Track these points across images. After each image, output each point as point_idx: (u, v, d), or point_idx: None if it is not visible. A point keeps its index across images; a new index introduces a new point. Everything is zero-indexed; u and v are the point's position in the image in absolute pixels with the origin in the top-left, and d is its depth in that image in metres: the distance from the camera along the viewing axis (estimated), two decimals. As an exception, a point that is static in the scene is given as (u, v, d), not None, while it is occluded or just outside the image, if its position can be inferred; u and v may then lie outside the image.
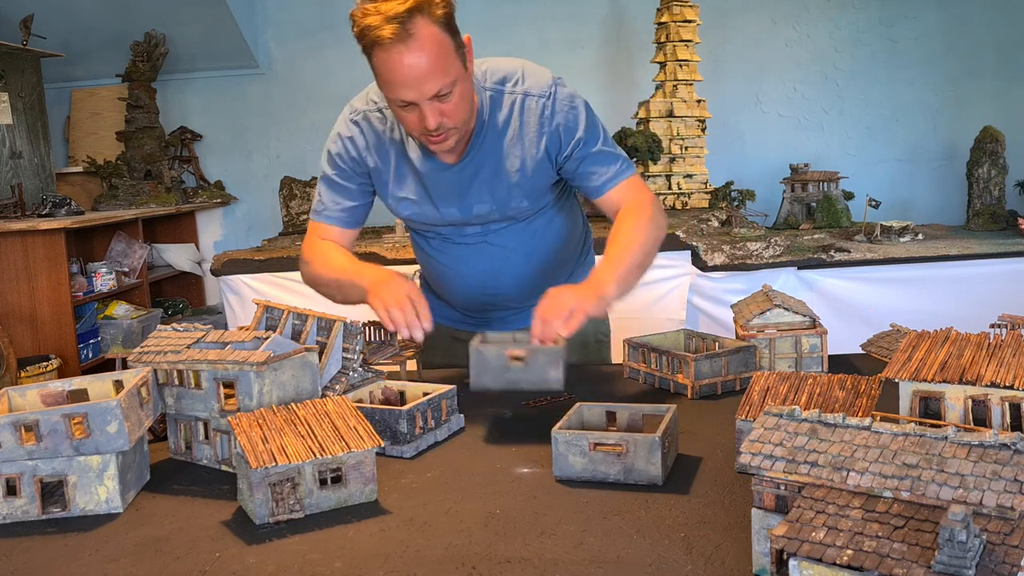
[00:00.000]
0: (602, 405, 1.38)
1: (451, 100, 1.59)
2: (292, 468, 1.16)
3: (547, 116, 1.74)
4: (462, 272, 1.94)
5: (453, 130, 1.64)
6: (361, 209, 1.89)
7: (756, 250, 3.35)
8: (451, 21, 1.59)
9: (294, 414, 1.24)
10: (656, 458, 1.20)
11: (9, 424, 1.19)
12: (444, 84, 1.56)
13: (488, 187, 1.78)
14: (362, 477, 1.21)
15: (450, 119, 1.61)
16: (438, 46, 1.55)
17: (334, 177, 1.84)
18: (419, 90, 1.56)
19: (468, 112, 1.66)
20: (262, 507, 1.15)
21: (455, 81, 1.58)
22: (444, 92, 1.57)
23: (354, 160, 1.82)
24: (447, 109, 1.60)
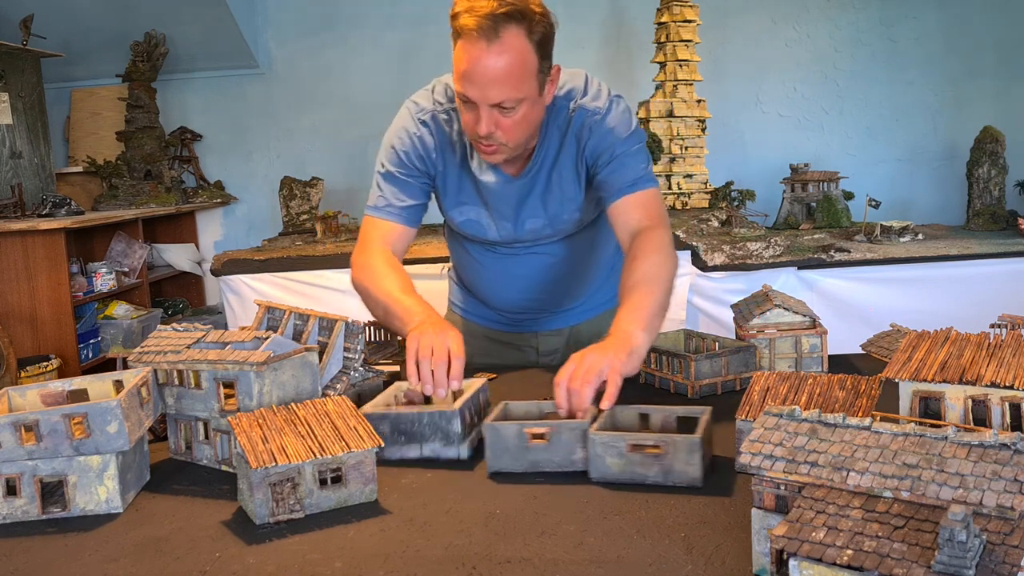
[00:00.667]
0: (635, 407, 1.35)
1: (512, 116, 1.57)
2: (292, 468, 1.16)
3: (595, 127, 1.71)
4: (503, 279, 1.94)
5: (505, 146, 1.62)
6: (420, 209, 1.82)
7: (756, 250, 3.35)
8: (545, 42, 1.57)
9: (294, 414, 1.24)
10: (696, 459, 1.19)
11: (9, 424, 1.19)
12: (510, 98, 1.54)
13: (542, 201, 1.78)
14: (362, 477, 1.20)
15: (505, 134, 1.59)
16: (520, 59, 1.53)
17: (397, 173, 1.77)
18: (484, 92, 1.54)
19: (526, 134, 1.64)
20: (262, 507, 1.15)
21: (523, 100, 1.56)
22: (508, 106, 1.55)
23: (420, 159, 1.77)
24: (505, 124, 1.58)
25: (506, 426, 1.28)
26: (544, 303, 1.96)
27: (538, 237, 1.85)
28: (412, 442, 1.35)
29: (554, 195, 1.78)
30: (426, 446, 1.35)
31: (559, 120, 1.73)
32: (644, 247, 1.64)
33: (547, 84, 1.62)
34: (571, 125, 1.72)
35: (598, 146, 1.72)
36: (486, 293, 2.00)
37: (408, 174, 1.77)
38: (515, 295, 1.95)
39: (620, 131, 1.72)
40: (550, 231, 1.84)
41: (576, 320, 2.01)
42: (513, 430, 1.28)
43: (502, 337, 2.03)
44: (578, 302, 1.99)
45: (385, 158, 1.79)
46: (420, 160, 1.77)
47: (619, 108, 1.74)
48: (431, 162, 1.77)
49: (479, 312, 2.04)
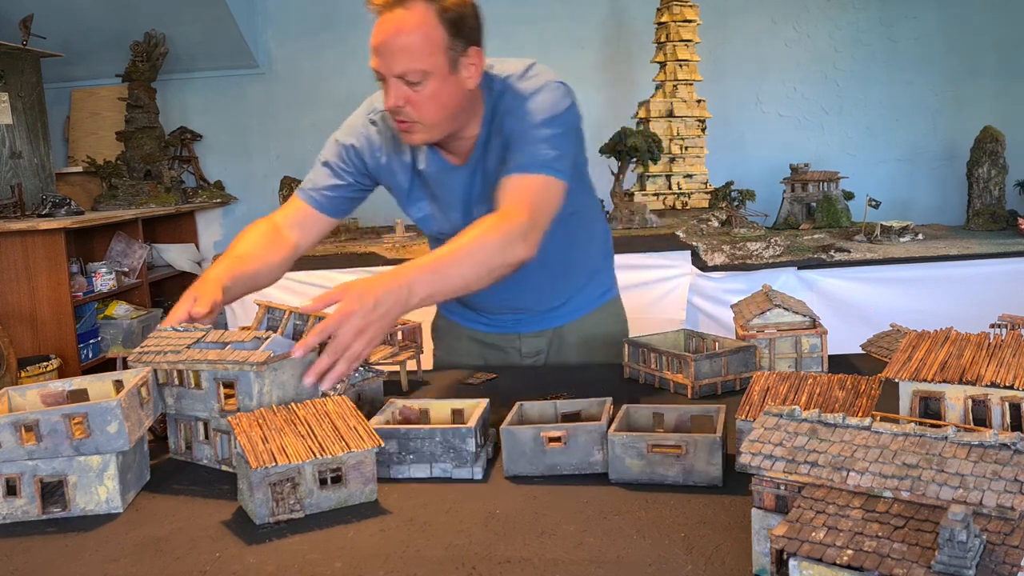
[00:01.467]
0: (649, 407, 1.34)
1: (421, 91, 1.57)
2: (292, 468, 1.16)
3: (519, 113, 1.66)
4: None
5: (418, 124, 1.62)
6: (346, 202, 1.85)
7: (756, 250, 3.35)
8: (459, 22, 1.57)
9: (294, 414, 1.24)
10: (717, 459, 1.18)
11: (9, 424, 1.19)
12: (412, 69, 1.55)
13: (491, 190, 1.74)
14: (362, 477, 1.20)
15: (414, 110, 1.59)
16: (424, 31, 1.54)
17: (332, 162, 1.81)
18: (386, 62, 1.55)
19: (440, 114, 1.62)
20: (262, 507, 1.15)
21: (428, 73, 1.56)
22: (412, 79, 1.56)
23: (360, 158, 1.80)
24: (414, 99, 1.58)
25: (522, 430, 1.27)
26: (522, 304, 1.95)
27: None
28: (421, 462, 1.30)
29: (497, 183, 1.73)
30: (436, 466, 1.29)
31: (500, 106, 1.70)
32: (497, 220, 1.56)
33: (464, 65, 1.61)
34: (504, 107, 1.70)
35: (512, 126, 1.67)
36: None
37: (342, 167, 1.80)
38: (490, 297, 1.92)
39: (537, 114, 1.65)
40: None
41: (559, 322, 1.99)
42: (530, 434, 1.26)
43: (485, 338, 2.03)
44: (559, 303, 1.98)
45: (328, 147, 1.83)
46: (359, 158, 1.79)
47: (550, 93, 1.67)
48: (375, 160, 1.79)
49: (461, 313, 2.03)
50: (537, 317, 1.98)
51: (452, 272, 1.49)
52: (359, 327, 1.35)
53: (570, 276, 1.94)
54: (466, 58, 1.61)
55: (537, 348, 2.01)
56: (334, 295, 1.40)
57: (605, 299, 2.04)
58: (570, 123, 1.69)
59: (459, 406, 1.41)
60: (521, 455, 1.27)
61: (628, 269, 3.36)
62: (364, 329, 1.36)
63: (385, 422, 1.37)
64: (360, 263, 3.49)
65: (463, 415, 1.40)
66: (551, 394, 1.64)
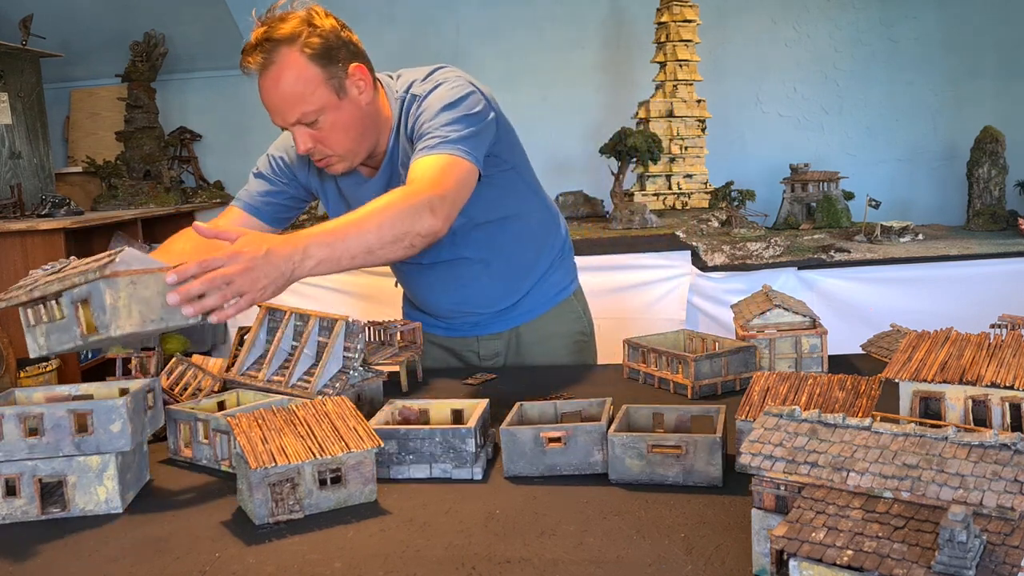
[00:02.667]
0: (649, 407, 1.34)
1: (322, 127, 1.64)
2: (292, 468, 1.16)
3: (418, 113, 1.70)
4: (424, 285, 1.96)
5: (335, 157, 1.68)
6: (280, 208, 1.91)
7: (756, 250, 3.35)
8: (327, 52, 1.61)
9: (294, 415, 1.24)
10: (717, 459, 1.18)
11: (14, 416, 1.19)
12: (304, 113, 1.62)
13: None
14: (362, 477, 1.20)
15: (326, 146, 1.66)
16: (300, 76, 1.60)
17: (264, 172, 1.89)
18: (281, 116, 1.65)
19: (349, 140, 1.67)
20: (262, 507, 1.15)
21: (321, 110, 1.62)
22: (307, 121, 1.63)
23: (289, 169, 1.87)
24: (319, 136, 1.65)
25: (522, 430, 1.27)
26: (472, 307, 1.96)
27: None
28: (421, 462, 1.30)
29: None
30: (436, 466, 1.29)
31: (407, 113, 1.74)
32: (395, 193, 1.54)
33: (351, 86, 1.65)
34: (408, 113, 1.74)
35: (415, 123, 1.71)
36: (417, 299, 2.04)
37: (272, 176, 1.88)
38: (442, 300, 1.97)
39: (435, 102, 1.67)
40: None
41: (516, 322, 2.00)
42: (530, 434, 1.26)
43: (443, 342, 2.04)
44: (509, 304, 1.98)
45: (260, 161, 1.92)
46: (288, 169, 1.87)
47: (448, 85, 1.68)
48: (303, 172, 1.87)
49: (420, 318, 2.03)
50: (491, 319, 1.98)
51: (353, 238, 1.42)
52: (245, 266, 1.31)
53: (516, 278, 1.96)
54: (350, 79, 1.65)
55: (495, 350, 2.01)
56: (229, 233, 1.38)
57: (561, 298, 2.05)
58: (471, 107, 1.66)
59: (459, 406, 1.41)
60: (521, 455, 1.27)
61: (628, 269, 3.37)
62: (249, 270, 1.31)
63: (385, 422, 1.37)
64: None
65: (463, 415, 1.40)
66: (551, 394, 1.64)
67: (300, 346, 1.53)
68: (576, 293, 2.10)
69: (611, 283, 3.32)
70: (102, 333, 1.22)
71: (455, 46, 4.70)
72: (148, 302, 1.25)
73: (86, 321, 1.24)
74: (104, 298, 1.20)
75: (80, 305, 1.23)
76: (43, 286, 1.26)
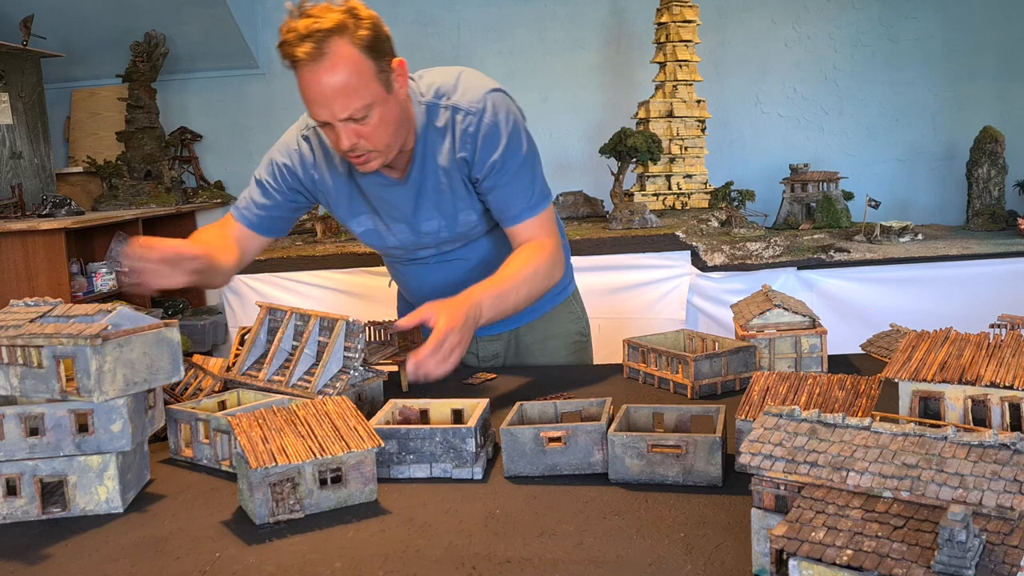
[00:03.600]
0: (649, 407, 1.34)
1: (368, 123, 1.59)
2: (292, 468, 1.16)
3: (470, 133, 1.70)
4: (425, 286, 1.94)
5: (374, 153, 1.64)
6: (278, 222, 1.88)
7: (756, 250, 3.35)
8: (376, 44, 1.58)
9: (294, 414, 1.24)
10: (717, 459, 1.18)
11: (15, 415, 1.19)
12: (357, 108, 1.56)
13: (434, 202, 1.77)
14: (362, 477, 1.20)
15: (368, 141, 1.61)
16: (354, 68, 1.54)
17: (267, 182, 1.83)
18: (330, 110, 1.57)
19: (390, 136, 1.64)
20: (262, 507, 1.15)
21: (371, 105, 1.58)
22: (358, 116, 1.58)
23: (294, 176, 1.81)
24: (364, 132, 1.60)
25: (522, 430, 1.27)
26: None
27: (441, 242, 1.84)
28: (421, 462, 1.30)
29: (445, 196, 1.77)
30: (436, 466, 1.29)
31: (436, 120, 1.72)
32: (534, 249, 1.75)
33: (394, 80, 1.63)
34: (447, 125, 1.72)
35: (481, 160, 1.71)
36: (416, 301, 2.00)
37: (273, 186, 1.83)
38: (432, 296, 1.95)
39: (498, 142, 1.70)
40: (449, 234, 1.82)
41: (515, 324, 1.99)
42: (530, 434, 1.26)
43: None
44: None
45: (263, 166, 1.86)
46: (292, 176, 1.81)
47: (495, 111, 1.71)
48: (308, 177, 1.81)
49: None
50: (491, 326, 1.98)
51: (510, 296, 1.66)
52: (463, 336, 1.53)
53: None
54: (393, 73, 1.63)
55: (494, 351, 2.01)
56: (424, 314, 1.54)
57: (560, 299, 2.04)
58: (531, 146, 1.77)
59: (459, 406, 1.41)
60: (521, 455, 1.27)
61: (628, 269, 3.37)
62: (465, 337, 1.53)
63: (385, 422, 1.37)
64: (360, 263, 3.49)
65: (463, 415, 1.40)
66: (551, 394, 1.64)
67: (300, 346, 1.53)
68: (574, 294, 2.11)
69: (611, 283, 3.32)
70: (83, 397, 1.20)
71: (455, 46, 4.71)
72: (133, 364, 1.23)
73: (67, 377, 1.22)
74: (90, 363, 1.19)
75: (62, 360, 1.21)
76: (27, 337, 1.22)
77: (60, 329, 1.21)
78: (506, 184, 1.73)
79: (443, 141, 1.73)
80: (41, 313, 1.28)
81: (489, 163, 1.71)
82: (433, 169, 1.74)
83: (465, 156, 1.72)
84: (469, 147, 1.71)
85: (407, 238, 1.84)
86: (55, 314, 1.28)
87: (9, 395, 1.27)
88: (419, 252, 1.88)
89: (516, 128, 1.73)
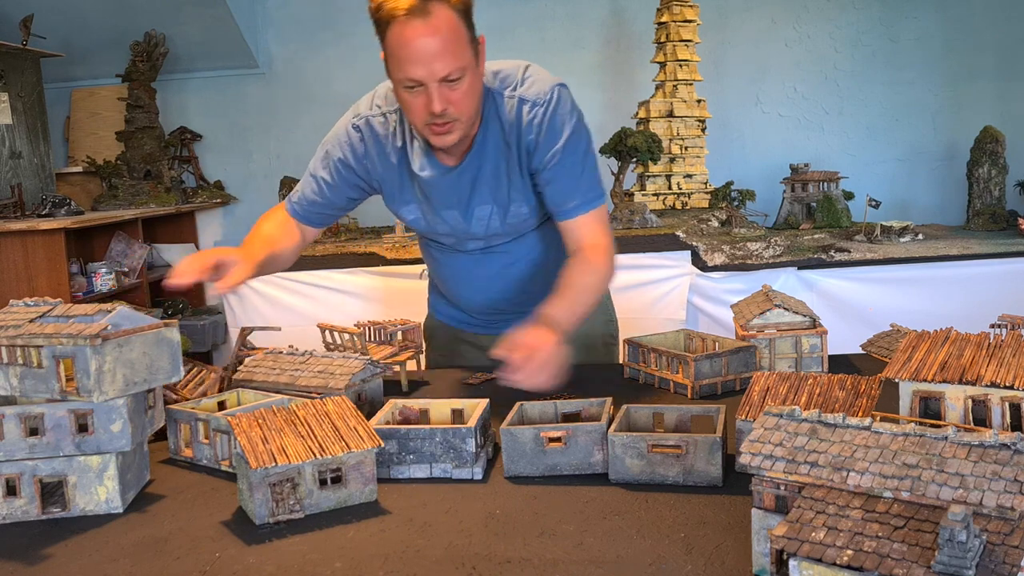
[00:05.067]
0: (649, 407, 1.34)
1: (460, 88, 1.57)
2: (292, 468, 1.16)
3: (535, 124, 1.71)
4: (467, 279, 1.94)
5: (457, 122, 1.62)
6: (331, 218, 1.89)
7: (756, 250, 3.35)
8: (468, 12, 1.59)
9: (294, 414, 1.24)
10: (717, 459, 1.18)
11: (15, 416, 1.19)
12: (455, 68, 1.54)
13: (489, 188, 1.77)
14: (362, 477, 1.20)
15: (455, 108, 1.59)
16: (453, 30, 1.54)
17: (322, 177, 1.82)
18: (430, 68, 1.53)
19: (475, 107, 1.64)
20: (262, 507, 1.15)
21: (465, 69, 1.57)
22: (454, 77, 1.55)
23: (349, 168, 1.79)
24: (454, 97, 1.58)
25: (522, 430, 1.27)
26: (511, 305, 1.93)
27: (491, 234, 1.83)
28: (421, 462, 1.30)
29: (501, 184, 1.76)
30: (436, 466, 1.29)
31: (499, 109, 1.72)
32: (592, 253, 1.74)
33: (479, 52, 1.64)
34: (512, 115, 1.72)
35: (542, 150, 1.71)
36: (452, 293, 2.01)
37: (332, 180, 1.81)
38: (480, 296, 1.95)
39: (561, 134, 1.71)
40: (500, 224, 1.81)
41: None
42: (530, 434, 1.26)
43: (471, 338, 2.03)
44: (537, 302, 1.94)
45: (317, 160, 1.84)
46: (346, 168, 1.79)
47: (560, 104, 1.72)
48: (363, 167, 1.80)
49: (448, 313, 2.03)
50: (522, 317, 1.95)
51: (581, 309, 1.66)
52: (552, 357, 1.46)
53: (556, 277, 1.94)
54: (479, 46, 1.64)
55: None
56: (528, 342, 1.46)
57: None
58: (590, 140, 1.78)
59: (459, 406, 1.41)
60: (521, 455, 1.27)
61: (628, 269, 3.37)
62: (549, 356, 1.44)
63: (385, 422, 1.37)
64: (360, 263, 3.49)
65: (463, 415, 1.40)
66: (551, 394, 1.64)
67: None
68: (608, 295, 2.09)
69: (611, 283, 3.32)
70: (83, 397, 1.20)
71: (455, 46, 4.70)
72: (133, 365, 1.23)
73: (67, 377, 1.22)
74: (90, 363, 1.19)
75: (61, 360, 1.21)
76: (27, 337, 1.22)
77: (60, 329, 1.21)
78: (564, 176, 1.73)
79: (506, 130, 1.72)
80: (41, 313, 1.28)
81: (551, 154, 1.71)
82: (493, 156, 1.74)
83: (528, 146, 1.72)
84: (532, 137, 1.71)
85: (459, 225, 1.82)
86: (55, 314, 1.28)
87: (9, 395, 1.27)
88: (467, 243, 1.87)
89: (579, 123, 1.75)
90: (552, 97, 1.72)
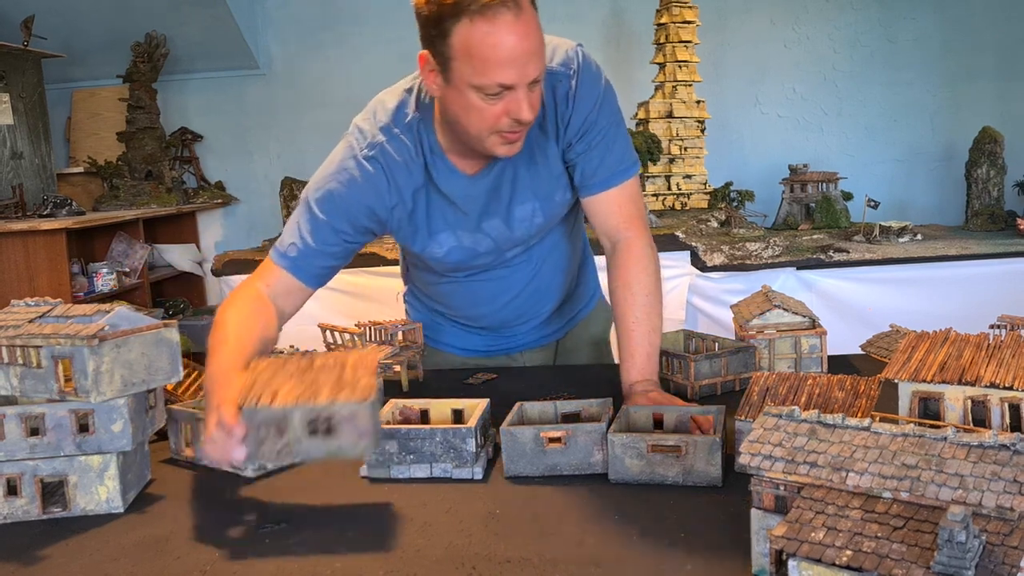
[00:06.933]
0: (648, 407, 1.34)
1: (537, 89, 1.42)
2: (278, 412, 1.11)
3: (566, 93, 1.55)
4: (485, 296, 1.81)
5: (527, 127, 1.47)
6: (332, 271, 1.59)
7: (755, 250, 3.35)
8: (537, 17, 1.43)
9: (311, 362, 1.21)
10: (716, 459, 1.18)
11: (15, 416, 1.19)
12: (541, 71, 1.39)
13: (528, 183, 1.62)
14: (356, 430, 1.13)
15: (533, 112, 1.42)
16: (540, 32, 1.38)
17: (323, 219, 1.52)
18: (523, 71, 1.35)
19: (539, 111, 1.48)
20: (250, 447, 1.12)
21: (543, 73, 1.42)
22: (538, 79, 1.40)
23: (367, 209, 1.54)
24: (535, 100, 1.41)
25: (522, 430, 1.27)
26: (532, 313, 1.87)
27: (533, 233, 1.69)
28: (421, 462, 1.29)
29: (541, 175, 1.61)
30: (436, 466, 1.29)
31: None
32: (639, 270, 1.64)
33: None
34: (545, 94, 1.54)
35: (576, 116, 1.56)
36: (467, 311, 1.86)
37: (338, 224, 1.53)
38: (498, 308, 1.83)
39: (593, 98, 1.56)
40: (542, 218, 1.66)
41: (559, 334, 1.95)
42: (530, 434, 1.26)
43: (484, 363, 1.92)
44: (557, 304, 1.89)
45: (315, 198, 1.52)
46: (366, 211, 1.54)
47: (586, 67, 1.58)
48: (384, 208, 1.56)
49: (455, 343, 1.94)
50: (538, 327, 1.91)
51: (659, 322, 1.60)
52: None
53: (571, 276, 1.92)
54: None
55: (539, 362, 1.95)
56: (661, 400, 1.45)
57: (593, 303, 2.00)
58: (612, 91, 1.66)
59: (459, 406, 1.40)
60: (521, 455, 1.27)
61: (628, 270, 3.37)
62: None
63: (385, 422, 1.36)
64: (360, 263, 3.49)
65: (463, 415, 1.40)
66: (551, 394, 1.64)
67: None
68: (602, 297, 2.03)
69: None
70: (81, 397, 1.20)
71: (455, 47, 4.70)
72: (131, 365, 1.23)
73: (65, 377, 1.22)
74: (87, 364, 1.18)
75: (60, 360, 1.21)
76: (26, 337, 1.22)
77: (58, 329, 1.21)
78: (599, 143, 1.58)
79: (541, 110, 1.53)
80: (41, 313, 1.28)
81: (584, 119, 1.56)
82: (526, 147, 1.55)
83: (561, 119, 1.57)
84: (564, 107, 1.56)
85: (502, 234, 1.65)
86: (54, 314, 1.27)
87: (9, 395, 1.27)
88: (507, 253, 1.71)
89: (607, 84, 1.63)
90: (578, 62, 1.58)
